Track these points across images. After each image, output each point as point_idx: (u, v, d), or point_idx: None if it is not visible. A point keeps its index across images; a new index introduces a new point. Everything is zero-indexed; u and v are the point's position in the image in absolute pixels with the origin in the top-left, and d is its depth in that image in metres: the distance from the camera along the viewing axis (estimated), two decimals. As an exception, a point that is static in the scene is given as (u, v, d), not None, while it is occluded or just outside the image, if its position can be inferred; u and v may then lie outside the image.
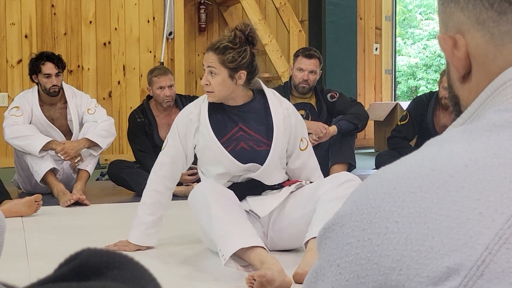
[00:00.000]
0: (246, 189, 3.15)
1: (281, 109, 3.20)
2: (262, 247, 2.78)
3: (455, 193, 0.75)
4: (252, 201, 3.15)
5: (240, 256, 2.78)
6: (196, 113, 3.19)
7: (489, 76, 0.85)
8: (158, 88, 5.15)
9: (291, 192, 3.16)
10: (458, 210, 0.74)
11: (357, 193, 0.83)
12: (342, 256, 0.81)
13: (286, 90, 4.95)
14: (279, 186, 3.19)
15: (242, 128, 3.17)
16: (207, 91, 3.12)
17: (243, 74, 3.08)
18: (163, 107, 5.20)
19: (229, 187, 3.10)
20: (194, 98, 5.41)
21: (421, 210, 0.76)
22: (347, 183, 2.99)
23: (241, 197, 3.12)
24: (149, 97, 5.36)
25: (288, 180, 3.24)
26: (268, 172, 3.14)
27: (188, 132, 3.17)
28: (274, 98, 3.23)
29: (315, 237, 2.80)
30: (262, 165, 3.10)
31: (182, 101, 5.29)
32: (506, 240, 0.72)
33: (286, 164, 3.25)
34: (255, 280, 2.48)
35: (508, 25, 0.83)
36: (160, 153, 3.27)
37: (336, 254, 0.82)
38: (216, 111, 3.18)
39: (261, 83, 3.24)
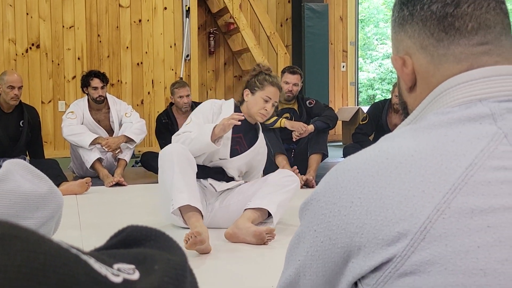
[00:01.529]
0: (211, 172, 3.10)
1: (262, 140, 3.23)
2: (201, 213, 2.74)
3: (403, 176, 0.74)
4: (212, 181, 3.11)
5: (183, 211, 2.73)
6: (217, 105, 3.17)
7: (430, 87, 0.84)
8: (178, 97, 5.16)
9: (240, 184, 3.13)
10: (406, 189, 0.74)
11: (329, 176, 0.83)
12: (318, 223, 0.81)
13: (275, 98, 4.95)
14: (233, 180, 3.15)
15: (241, 137, 3.15)
16: (264, 116, 3.07)
17: None
18: (182, 111, 5.21)
19: (199, 166, 3.01)
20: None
21: (378, 189, 0.75)
22: (289, 177, 2.99)
23: (204, 176, 3.08)
24: (171, 104, 5.36)
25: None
26: (232, 165, 3.09)
27: (210, 115, 3.11)
28: (261, 132, 3.26)
29: (251, 208, 2.82)
30: None
31: (197, 106, 5.29)
32: (442, 212, 0.71)
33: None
34: (191, 237, 2.40)
35: (444, 49, 0.83)
36: (182, 128, 3.09)
37: (314, 222, 0.82)
38: None
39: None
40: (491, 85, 0.79)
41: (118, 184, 4.61)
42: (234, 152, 3.10)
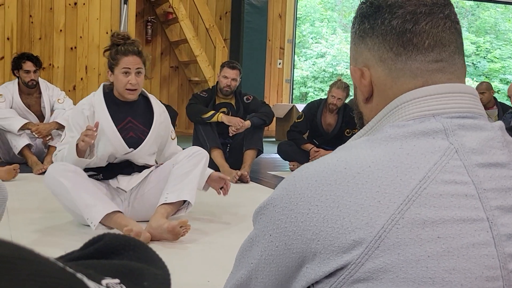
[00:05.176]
0: (119, 168, 2.94)
1: (159, 108, 3.04)
2: (121, 212, 2.65)
3: (361, 186, 0.77)
4: (121, 179, 2.94)
5: (105, 221, 2.60)
6: (88, 105, 2.90)
7: (386, 99, 0.87)
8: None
9: (151, 171, 2.97)
10: (362, 198, 0.76)
11: (286, 182, 0.84)
12: (274, 228, 0.82)
13: (213, 92, 4.93)
14: (146, 167, 2.98)
15: (131, 121, 2.95)
16: (134, 90, 2.89)
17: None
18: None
19: (105, 167, 2.89)
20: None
21: (335, 197, 0.77)
22: (196, 153, 2.86)
23: (113, 175, 2.93)
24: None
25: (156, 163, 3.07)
26: (140, 154, 2.92)
27: (83, 121, 2.86)
28: (154, 99, 3.07)
29: (164, 203, 2.69)
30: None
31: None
32: (396, 222, 0.74)
33: (162, 152, 3.08)
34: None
35: (402, 63, 0.85)
36: (58, 146, 2.89)
37: (269, 227, 0.83)
38: (110, 104, 2.92)
39: (143, 89, 3.05)
40: (443, 101, 0.83)
41: (47, 171, 4.47)
42: (131, 141, 2.91)
